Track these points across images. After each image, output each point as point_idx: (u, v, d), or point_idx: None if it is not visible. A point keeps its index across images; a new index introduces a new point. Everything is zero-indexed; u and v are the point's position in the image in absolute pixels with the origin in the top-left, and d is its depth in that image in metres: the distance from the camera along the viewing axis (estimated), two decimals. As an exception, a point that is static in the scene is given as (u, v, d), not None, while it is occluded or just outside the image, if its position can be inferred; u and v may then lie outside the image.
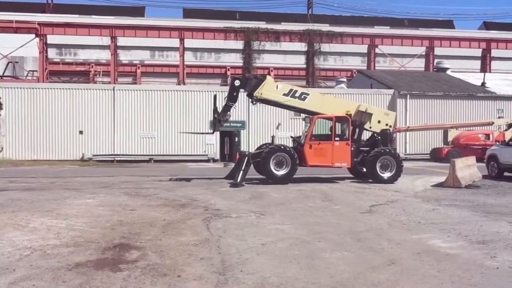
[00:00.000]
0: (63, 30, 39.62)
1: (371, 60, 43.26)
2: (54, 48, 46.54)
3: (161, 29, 40.92)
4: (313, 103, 17.28)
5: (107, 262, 6.16)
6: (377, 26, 54.55)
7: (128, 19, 47.35)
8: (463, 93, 33.67)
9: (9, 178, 17.93)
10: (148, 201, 11.89)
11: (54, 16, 46.85)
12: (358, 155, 16.96)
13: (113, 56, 40.02)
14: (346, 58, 52.23)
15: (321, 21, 53.32)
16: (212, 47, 49.48)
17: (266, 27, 43.88)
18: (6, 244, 7.06)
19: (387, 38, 43.90)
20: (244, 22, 47.16)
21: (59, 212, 10.03)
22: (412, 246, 7.17)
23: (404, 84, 34.52)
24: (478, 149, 26.86)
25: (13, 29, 37.71)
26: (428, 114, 32.60)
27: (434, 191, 14.30)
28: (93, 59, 47.57)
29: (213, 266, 6.00)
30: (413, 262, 6.28)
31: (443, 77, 38.63)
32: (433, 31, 51.19)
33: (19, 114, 29.36)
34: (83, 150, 29.79)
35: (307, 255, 6.61)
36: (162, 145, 30.32)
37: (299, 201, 12.10)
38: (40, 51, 38.54)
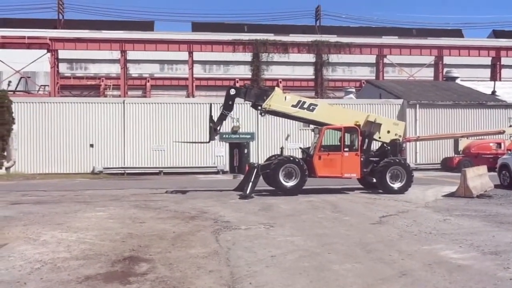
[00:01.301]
0: (74, 45, 40.21)
1: (380, 70, 43.25)
2: (65, 63, 47.16)
3: (170, 43, 41.33)
4: (322, 114, 17.28)
5: (116, 275, 6.16)
6: (385, 36, 54.62)
7: (137, 33, 47.94)
8: (473, 102, 33.44)
9: (21, 192, 18.05)
10: (157, 213, 11.89)
11: (65, 32, 47.55)
12: (368, 166, 16.86)
13: (123, 70, 40.45)
14: (355, 69, 52.27)
15: (329, 32, 53.53)
16: (220, 60, 49.83)
17: (274, 39, 44.12)
18: (17, 258, 7.09)
19: (395, 48, 43.88)
20: (252, 34, 47.42)
21: (69, 225, 10.06)
22: (423, 257, 7.07)
23: (413, 94, 34.39)
24: (489, 158, 26.62)
25: (26, 45, 38.32)
26: (438, 123, 32.40)
27: (445, 201, 14.13)
28: (104, 73, 48.10)
29: (222, 279, 5.97)
30: (424, 274, 6.19)
31: (453, 86, 38.43)
32: (441, 40, 51.15)
33: (31, 128, 29.69)
34: (93, 163, 29.98)
35: (316, 267, 6.56)
36: (171, 157, 30.42)
37: (309, 212, 12.03)
38: (51, 66, 39.09)
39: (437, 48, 44.12)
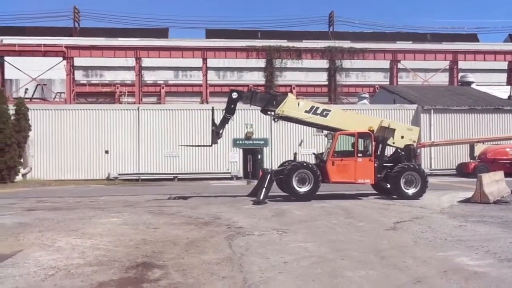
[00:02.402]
0: (89, 52, 40.69)
1: (394, 75, 43.04)
2: (81, 70, 47.75)
3: (184, 50, 41.61)
4: (335, 120, 17.21)
5: (130, 281, 6.16)
6: (399, 42, 54.38)
7: (152, 40, 48.40)
8: (489, 107, 33.05)
9: (37, 198, 18.23)
10: (171, 219, 11.91)
11: (80, 40, 48.19)
12: (382, 171, 16.74)
13: (138, 76, 40.82)
14: (368, 74, 52.08)
15: (342, 38, 53.45)
16: (234, 66, 50.07)
17: (287, 45, 44.20)
18: (32, 264, 7.14)
19: (409, 53, 43.67)
20: (266, 40, 47.62)
21: (84, 231, 10.12)
22: (438, 264, 6.96)
23: (428, 99, 34.12)
24: (506, 163, 26.26)
25: (42, 53, 38.91)
26: (453, 128, 32.08)
27: (461, 207, 13.92)
28: (119, 80, 48.59)
29: (235, 285, 5.94)
30: (439, 281, 6.09)
31: (468, 91, 38.07)
32: (456, 45, 50.72)
33: (47, 135, 30.06)
34: (108, 170, 30.23)
35: (330, 273, 6.49)
36: (186, 163, 30.54)
37: (322, 218, 11.94)
38: (67, 73, 39.61)
39: (452, 53, 43.75)
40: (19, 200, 17.66)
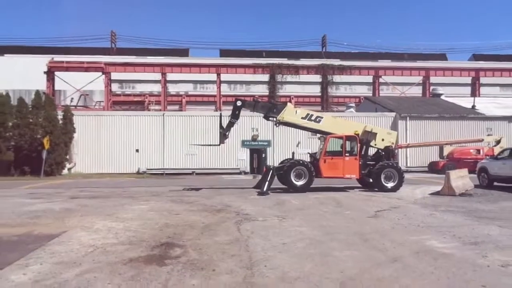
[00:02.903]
0: (124, 68, 40.79)
1: (376, 88, 42.80)
2: (117, 83, 47.91)
3: (202, 66, 41.61)
4: (327, 125, 17.13)
5: (155, 258, 6.17)
6: (380, 60, 54.18)
7: (175, 58, 48.47)
8: (456, 115, 32.78)
9: (79, 188, 18.31)
10: (190, 206, 11.89)
11: (116, 58, 48.33)
12: (365, 168, 16.64)
13: (163, 88, 40.87)
14: (355, 87, 51.83)
15: (333, 57, 53.32)
16: (243, 80, 50.03)
17: (287, 62, 44.10)
18: (74, 243, 7.16)
19: (389, 69, 43.51)
20: (269, 59, 47.52)
21: (118, 216, 10.13)
22: (412, 246, 6.91)
23: (404, 108, 33.90)
24: (470, 162, 25.96)
25: (84, 68, 39.06)
26: (426, 133, 31.85)
27: (432, 199, 13.83)
28: (147, 91, 48.69)
29: (242, 262, 5.93)
30: (413, 260, 6.05)
31: (438, 101, 37.77)
32: (428, 63, 50.49)
33: (88, 136, 30.15)
34: (138, 165, 30.26)
35: (321, 253, 6.46)
36: (202, 160, 30.53)
37: (315, 207, 11.89)
38: (105, 85, 39.72)
39: (424, 70, 43.49)
40: (65, 189, 17.73)
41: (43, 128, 26.75)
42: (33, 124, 26.72)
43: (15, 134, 26.44)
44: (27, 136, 26.37)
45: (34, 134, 26.50)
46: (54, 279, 5.19)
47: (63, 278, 5.22)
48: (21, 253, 6.37)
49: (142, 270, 5.53)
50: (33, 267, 5.71)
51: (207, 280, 5.17)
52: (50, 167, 26.48)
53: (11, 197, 14.57)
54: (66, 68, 38.90)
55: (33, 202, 13.09)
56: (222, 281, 5.13)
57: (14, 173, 26.09)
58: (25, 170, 26.18)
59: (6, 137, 26.28)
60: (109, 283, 5.05)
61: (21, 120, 26.69)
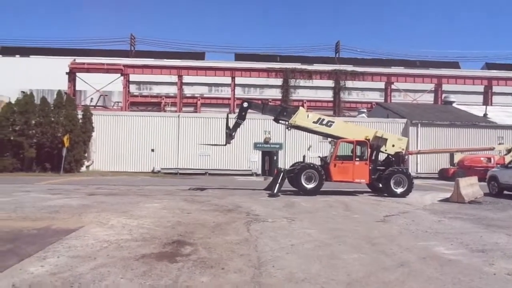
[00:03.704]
0: (142, 70, 41.20)
1: (388, 94, 42.39)
2: (135, 84, 48.38)
3: (217, 70, 41.75)
4: (338, 129, 17.05)
5: (166, 255, 6.23)
6: (393, 67, 53.65)
7: (191, 62, 48.78)
8: (468, 122, 32.25)
9: (96, 185, 18.53)
10: (201, 206, 11.95)
11: (135, 60, 48.88)
12: (375, 173, 16.50)
13: (179, 90, 41.14)
14: (367, 93, 51.43)
15: (346, 63, 52.99)
16: (257, 84, 50.01)
17: (301, 67, 43.94)
18: (90, 238, 7.28)
19: (401, 76, 43.02)
20: (283, 63, 47.51)
21: (132, 213, 10.24)
22: (419, 251, 6.85)
23: (416, 115, 33.49)
24: (480, 170, 25.51)
25: (104, 70, 39.55)
26: (437, 140, 31.40)
27: (441, 205, 13.65)
28: (164, 93, 49.04)
29: (250, 262, 5.95)
30: (419, 265, 5.99)
31: (450, 109, 37.23)
32: (441, 70, 49.75)
33: (106, 135, 30.52)
34: (153, 164, 30.51)
35: (328, 255, 6.45)
36: (215, 161, 30.63)
37: (324, 210, 11.85)
38: (124, 86, 40.15)
39: (437, 77, 42.88)
40: (83, 186, 17.98)
41: (64, 126, 27.17)
42: (54, 123, 27.17)
43: (38, 132, 26.92)
44: (48, 134, 26.83)
45: (55, 132, 26.94)
46: (70, 272, 5.29)
47: (78, 271, 5.32)
48: (39, 246, 6.50)
49: (154, 266, 5.59)
50: (50, 260, 5.83)
51: (216, 278, 5.21)
52: (69, 164, 26.86)
53: (32, 192, 14.85)
54: (87, 70, 39.42)
55: (53, 197, 13.33)
56: (230, 279, 5.16)
57: (36, 169, 26.56)
58: (46, 166, 26.62)
59: (29, 135, 26.78)
60: (121, 277, 5.12)
61: (43, 118, 27.17)
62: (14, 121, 26.63)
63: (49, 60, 50.01)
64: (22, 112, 26.82)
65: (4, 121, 26.46)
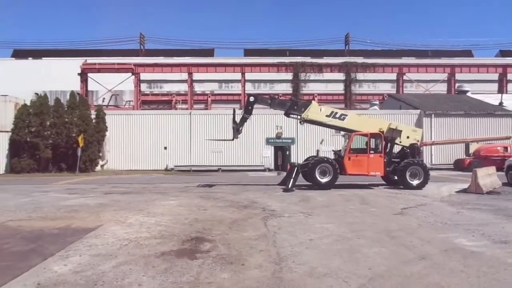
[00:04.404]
0: (152, 69, 41.41)
1: (400, 85, 41.90)
2: (145, 83, 48.70)
3: (227, 66, 41.75)
4: (351, 123, 16.90)
5: (186, 252, 6.25)
6: (404, 57, 52.95)
7: (201, 59, 48.87)
8: (483, 112, 31.74)
9: (112, 184, 18.72)
10: (217, 202, 11.96)
11: (145, 59, 49.15)
12: (390, 165, 16.34)
13: (190, 88, 41.28)
14: (378, 85, 50.96)
15: (356, 55, 52.50)
16: (267, 79, 49.93)
17: (311, 61, 43.68)
18: (110, 236, 7.34)
19: (413, 67, 42.43)
20: (293, 57, 47.29)
21: (149, 211, 10.30)
22: (440, 244, 6.74)
23: (429, 105, 33.05)
24: (497, 160, 25.08)
25: (115, 69, 39.87)
26: (451, 130, 31.00)
27: (458, 196, 13.44)
28: (175, 90, 49.30)
29: (270, 257, 5.93)
30: (441, 258, 5.90)
31: (464, 98, 36.65)
32: (454, 60, 48.97)
33: (120, 134, 30.82)
34: (167, 162, 30.72)
35: (348, 249, 6.39)
36: (228, 157, 30.70)
37: (341, 204, 11.76)
38: (135, 85, 40.46)
39: (449, 67, 42.21)
40: (99, 185, 18.17)
41: (78, 126, 27.49)
42: (68, 123, 27.51)
43: (53, 133, 27.29)
44: (63, 135, 27.18)
45: (69, 132, 27.28)
46: (93, 270, 5.35)
47: (100, 269, 5.37)
48: (61, 245, 6.59)
49: (174, 263, 5.61)
50: (72, 258, 5.89)
51: (237, 274, 5.20)
52: (84, 164, 27.20)
53: (50, 192, 15.07)
54: (98, 70, 39.79)
55: (70, 197, 13.51)
56: (251, 275, 5.15)
57: (52, 170, 26.97)
58: (62, 166, 27.00)
59: (45, 136, 27.16)
60: (143, 275, 5.15)
61: (57, 119, 27.52)
62: (30, 123, 27.03)
63: (61, 62, 50.63)
64: (37, 113, 27.20)
65: (21, 123, 26.88)
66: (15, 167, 26.51)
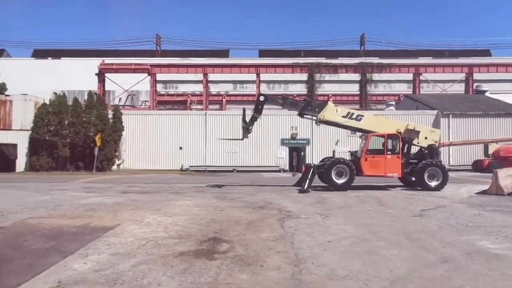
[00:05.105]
0: (168, 69, 41.67)
1: (416, 86, 41.27)
2: (161, 84, 49.07)
3: (241, 67, 41.72)
4: (368, 123, 16.68)
5: (204, 252, 6.22)
6: (420, 57, 52.20)
7: (216, 59, 49.04)
8: (502, 112, 31.04)
9: (128, 184, 18.87)
10: (233, 203, 11.91)
11: (161, 59, 49.57)
12: (408, 167, 16.08)
13: (205, 88, 41.40)
14: (394, 85, 50.34)
15: (372, 55, 52.02)
16: (282, 79, 49.84)
17: (325, 62, 43.39)
18: (128, 235, 7.35)
19: (430, 67, 41.72)
20: (308, 58, 47.05)
21: (165, 210, 10.31)
22: (462, 246, 6.57)
23: (447, 106, 32.48)
24: (517, 161, 24.51)
25: (132, 70, 40.26)
26: (469, 131, 30.42)
27: (478, 198, 13.13)
28: (190, 91, 49.56)
29: (288, 259, 5.86)
30: (464, 261, 5.74)
31: (482, 98, 35.91)
32: (471, 59, 48.04)
33: (136, 134, 31.12)
34: (182, 162, 30.90)
35: (367, 251, 6.27)
36: (242, 158, 30.69)
37: (357, 205, 11.60)
38: (151, 86, 40.76)
39: (467, 66, 41.40)
40: (115, 185, 18.34)
41: (95, 126, 27.88)
42: (86, 123, 27.91)
43: (71, 132, 27.73)
44: (81, 134, 27.59)
45: (87, 132, 27.68)
46: (112, 269, 5.36)
47: (119, 268, 5.38)
48: (80, 244, 6.63)
49: (193, 264, 5.58)
50: (92, 257, 5.92)
51: (255, 275, 5.14)
52: (101, 163, 27.55)
53: (68, 191, 15.28)
54: (115, 70, 40.20)
55: (88, 195, 13.66)
56: (270, 277, 5.09)
57: (70, 168, 27.40)
58: (79, 165, 27.42)
59: (63, 135, 27.61)
60: (162, 275, 5.14)
61: (76, 118, 27.96)
62: (49, 122, 27.52)
63: (79, 62, 51.43)
64: (56, 112, 27.68)
65: (40, 122, 27.40)
66: (34, 165, 27.02)
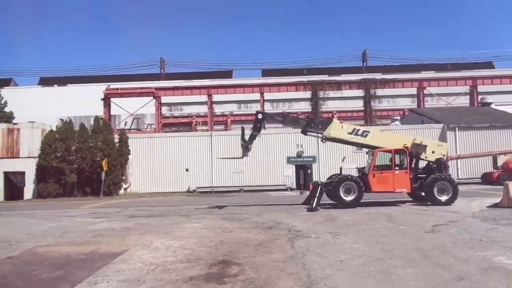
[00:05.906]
0: (173, 92, 42.09)
1: (421, 100, 41.28)
2: (166, 106, 49.48)
3: (245, 87, 42.07)
4: (374, 139, 16.61)
5: (213, 276, 6.11)
6: (423, 72, 52.35)
7: (220, 80, 49.51)
8: (508, 123, 30.82)
9: (136, 207, 18.78)
10: (242, 224, 11.79)
11: (166, 82, 50.12)
12: (416, 181, 15.91)
13: (210, 109, 41.70)
14: (398, 100, 50.34)
15: (374, 71, 52.30)
16: (285, 98, 50.01)
17: (329, 79, 43.69)
18: (136, 261, 7.26)
19: (433, 81, 41.83)
20: (311, 76, 47.39)
21: (174, 234, 10.19)
22: (478, 262, 6.40)
23: (452, 119, 32.35)
24: (527, 172, 24.21)
25: (137, 94, 40.73)
26: (477, 143, 30.17)
27: (491, 211, 12.89)
28: (195, 112, 49.88)
29: (300, 280, 5.74)
30: (481, 278, 5.59)
31: (488, 110, 35.75)
32: (474, 72, 48.10)
33: (142, 158, 31.19)
34: (188, 184, 30.82)
35: (381, 271, 6.13)
36: (249, 177, 30.58)
37: (368, 222, 11.42)
38: (156, 109, 41.13)
39: (471, 79, 41.39)
40: (123, 209, 18.25)
41: (102, 151, 28.00)
42: (93, 148, 28.06)
43: (78, 158, 27.86)
44: (88, 159, 27.70)
45: (94, 156, 27.79)
46: (121, 297, 5.26)
47: (129, 296, 5.28)
48: (89, 271, 6.55)
49: (203, 289, 5.48)
50: (101, 285, 5.84)
51: (268, 299, 5.03)
52: (108, 187, 27.54)
53: (76, 217, 15.23)
54: (121, 94, 40.69)
55: (95, 221, 13.59)
56: (283, 300, 4.97)
57: (77, 194, 27.41)
58: (87, 190, 27.44)
59: (70, 161, 27.74)
60: (172, 301, 5.04)
61: (82, 144, 28.13)
62: (56, 148, 27.70)
63: (85, 88, 52.15)
64: (63, 138, 27.89)
65: (47, 148, 27.59)
66: (41, 192, 27.07)
